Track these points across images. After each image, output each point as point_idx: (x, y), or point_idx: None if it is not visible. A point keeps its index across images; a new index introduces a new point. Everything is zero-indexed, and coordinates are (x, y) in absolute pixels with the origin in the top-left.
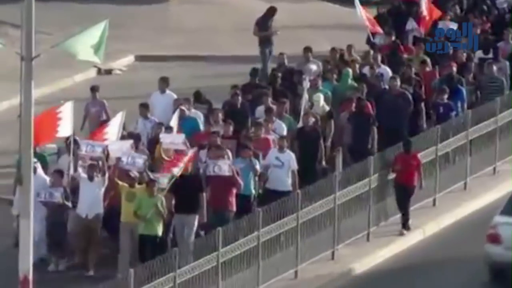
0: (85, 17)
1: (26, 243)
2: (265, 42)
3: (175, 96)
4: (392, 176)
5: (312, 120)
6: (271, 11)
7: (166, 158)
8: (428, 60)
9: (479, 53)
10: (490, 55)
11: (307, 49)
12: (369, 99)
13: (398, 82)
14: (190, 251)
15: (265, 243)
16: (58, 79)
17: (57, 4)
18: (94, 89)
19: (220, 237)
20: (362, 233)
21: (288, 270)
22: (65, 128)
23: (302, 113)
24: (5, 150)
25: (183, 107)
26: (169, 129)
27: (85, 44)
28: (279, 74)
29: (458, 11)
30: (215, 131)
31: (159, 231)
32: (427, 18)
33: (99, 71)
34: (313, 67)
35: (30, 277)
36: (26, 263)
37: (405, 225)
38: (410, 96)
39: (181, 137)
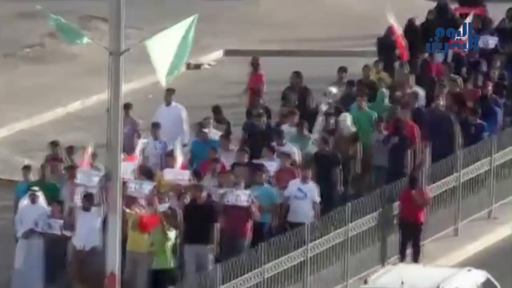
0: (174, 11)
1: (113, 239)
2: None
3: (181, 108)
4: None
5: (329, 144)
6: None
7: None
8: (460, 79)
9: None
10: None
11: (342, 69)
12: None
13: (442, 102)
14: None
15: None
16: (147, 74)
17: None
18: (126, 106)
19: (311, 232)
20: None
21: None
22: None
23: (312, 136)
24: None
25: (205, 130)
26: (169, 156)
27: (169, 53)
28: (294, 95)
29: (507, 24)
30: (215, 158)
31: (172, 264)
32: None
33: (188, 66)
34: (333, 89)
35: (117, 272)
36: (113, 259)
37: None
38: (453, 117)
39: (186, 174)
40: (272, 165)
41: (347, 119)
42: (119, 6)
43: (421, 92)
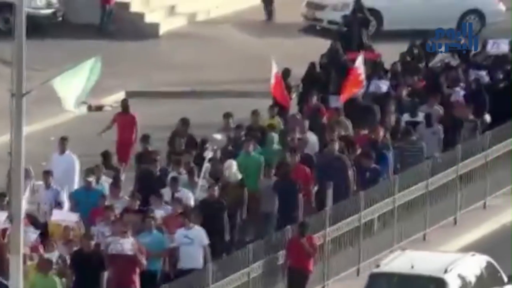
0: (77, 54)
1: (15, 279)
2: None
3: (74, 157)
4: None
5: (216, 191)
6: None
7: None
8: (349, 124)
9: (406, 117)
10: (417, 118)
11: (227, 115)
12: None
13: (336, 146)
14: None
15: None
16: (50, 115)
17: (49, 41)
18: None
19: None
20: None
21: None
22: None
23: (200, 182)
24: None
25: (89, 179)
26: (59, 205)
27: (74, 87)
28: (182, 141)
29: (399, 68)
30: (109, 206)
31: None
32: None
33: (90, 108)
34: (218, 136)
35: None
36: None
37: None
38: (347, 160)
39: (75, 216)
40: (159, 212)
41: (232, 165)
42: (21, 48)
43: (313, 137)
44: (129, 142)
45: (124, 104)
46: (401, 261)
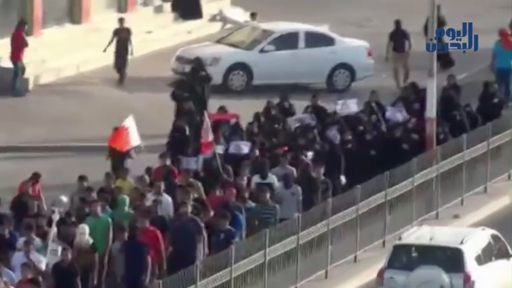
0: None
1: None
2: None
3: None
4: None
5: (69, 256)
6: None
7: None
8: (199, 184)
9: (256, 178)
10: (268, 180)
11: (82, 178)
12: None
13: (189, 209)
14: None
15: None
16: None
17: None
18: None
19: None
20: None
21: None
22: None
23: (49, 247)
24: None
25: None
26: None
27: None
28: (36, 203)
29: (255, 128)
30: None
31: None
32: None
33: None
34: (63, 198)
35: None
36: None
37: None
38: (200, 222)
39: None
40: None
41: (85, 231)
42: None
43: (168, 199)
44: None
45: (36, 176)
46: (420, 234)
